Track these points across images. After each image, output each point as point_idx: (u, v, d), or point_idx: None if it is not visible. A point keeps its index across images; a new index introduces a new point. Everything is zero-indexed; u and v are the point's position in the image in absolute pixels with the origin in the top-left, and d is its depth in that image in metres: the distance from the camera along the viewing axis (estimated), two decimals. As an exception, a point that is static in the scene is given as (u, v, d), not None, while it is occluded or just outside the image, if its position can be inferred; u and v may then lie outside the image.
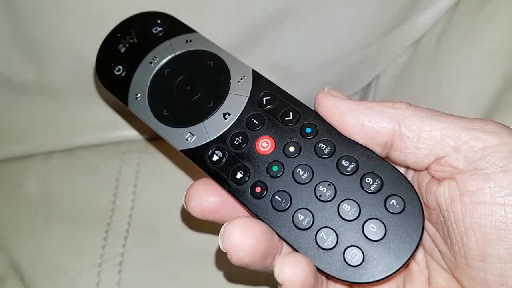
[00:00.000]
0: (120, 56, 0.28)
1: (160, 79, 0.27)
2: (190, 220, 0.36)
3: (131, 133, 0.40)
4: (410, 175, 0.25)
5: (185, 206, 0.25)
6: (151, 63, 0.27)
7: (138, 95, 0.27)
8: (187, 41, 0.28)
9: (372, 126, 0.22)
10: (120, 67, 0.28)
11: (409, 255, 0.22)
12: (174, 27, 0.28)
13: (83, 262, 0.34)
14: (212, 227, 0.35)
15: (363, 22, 0.35)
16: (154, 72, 0.27)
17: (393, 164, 0.23)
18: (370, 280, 0.22)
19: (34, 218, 0.36)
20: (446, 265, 0.23)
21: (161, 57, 0.28)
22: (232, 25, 0.34)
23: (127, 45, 0.28)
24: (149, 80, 0.27)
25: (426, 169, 0.23)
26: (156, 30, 0.28)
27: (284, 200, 0.23)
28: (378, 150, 0.23)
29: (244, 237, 0.22)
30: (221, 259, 0.33)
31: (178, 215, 0.36)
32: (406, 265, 0.22)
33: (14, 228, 0.36)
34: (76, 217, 0.36)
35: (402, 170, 0.25)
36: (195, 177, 0.37)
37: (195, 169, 0.25)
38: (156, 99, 0.27)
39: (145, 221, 0.36)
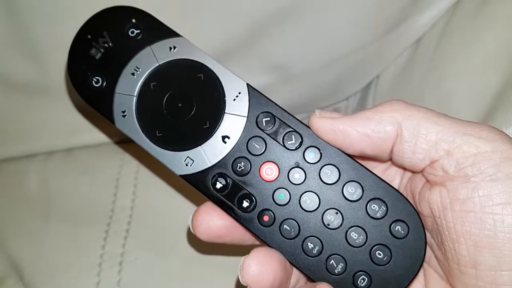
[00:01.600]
0: (96, 64, 0.25)
1: (147, 94, 0.25)
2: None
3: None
4: (407, 177, 0.25)
5: (192, 231, 0.25)
6: (133, 74, 0.25)
7: (125, 113, 0.25)
8: (170, 48, 0.25)
9: (377, 135, 0.22)
10: (98, 78, 0.25)
11: (412, 277, 0.23)
12: (154, 30, 0.25)
13: (83, 262, 0.34)
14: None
15: (363, 22, 0.35)
16: (139, 86, 0.25)
17: (395, 188, 0.24)
18: None
19: (34, 218, 0.36)
20: (442, 272, 0.23)
21: (144, 67, 0.25)
22: (232, 25, 0.34)
23: (102, 51, 0.25)
24: (135, 95, 0.25)
25: (422, 171, 0.23)
26: (133, 32, 0.25)
27: (292, 229, 0.24)
28: (385, 156, 0.23)
29: (262, 270, 0.22)
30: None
31: (178, 215, 0.36)
32: (409, 285, 0.23)
33: (14, 228, 0.36)
34: (76, 217, 0.36)
35: (399, 172, 0.26)
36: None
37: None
38: (146, 118, 0.25)
39: (145, 221, 0.36)
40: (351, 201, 0.23)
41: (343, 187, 0.23)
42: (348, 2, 0.34)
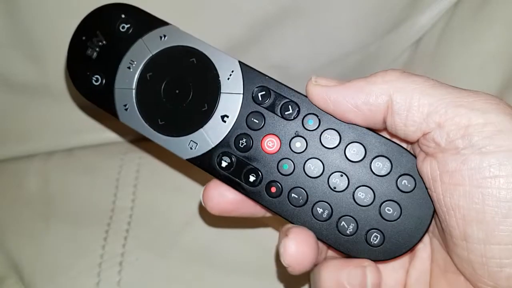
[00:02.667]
0: (93, 63, 0.26)
1: (145, 85, 0.26)
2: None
3: (131, 133, 0.40)
4: (410, 146, 0.25)
5: (203, 205, 0.26)
6: (129, 68, 0.26)
7: (127, 106, 0.26)
8: (161, 37, 0.26)
9: (367, 107, 0.22)
10: (97, 76, 0.26)
11: (424, 230, 0.23)
12: (143, 22, 0.26)
13: (83, 262, 0.34)
14: (212, 227, 0.36)
15: (363, 22, 0.35)
16: (136, 78, 0.26)
17: (397, 143, 0.24)
18: (392, 257, 0.23)
19: (34, 218, 0.36)
20: (442, 242, 0.24)
21: (138, 60, 0.26)
22: (232, 25, 0.34)
23: (97, 50, 0.26)
24: (134, 88, 0.26)
25: (417, 142, 0.23)
26: (123, 28, 0.26)
27: (300, 197, 0.24)
28: (378, 126, 0.23)
29: (303, 250, 0.23)
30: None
31: (178, 215, 0.36)
32: (422, 237, 0.23)
33: (14, 228, 0.36)
34: (76, 217, 0.36)
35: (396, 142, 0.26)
36: (195, 178, 0.37)
37: (195, 169, 0.25)
38: (147, 108, 0.26)
39: (145, 221, 0.36)
40: (354, 162, 0.24)
41: (345, 149, 0.24)
42: (348, 3, 0.34)
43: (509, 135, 0.20)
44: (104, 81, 0.26)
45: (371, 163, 0.24)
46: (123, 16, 0.26)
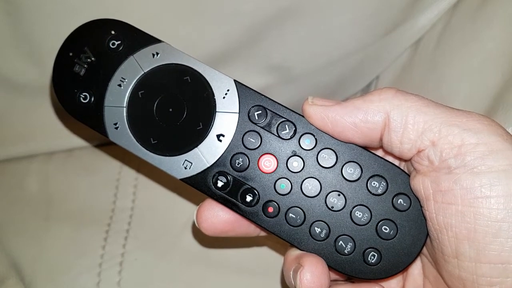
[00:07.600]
0: (81, 80, 0.25)
1: (136, 103, 0.25)
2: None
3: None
4: (403, 164, 0.25)
5: (197, 226, 0.26)
6: (120, 85, 0.25)
7: (117, 124, 0.25)
8: (153, 55, 0.25)
9: (365, 125, 0.22)
10: (86, 94, 0.25)
11: (420, 248, 0.23)
12: (134, 39, 0.25)
13: (83, 262, 0.34)
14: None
15: (363, 22, 0.35)
16: (127, 96, 0.25)
17: (392, 162, 0.24)
18: (388, 275, 0.23)
19: (35, 218, 0.36)
20: (432, 260, 0.24)
21: (129, 77, 0.25)
22: (231, 26, 0.34)
23: (86, 66, 0.25)
24: (125, 106, 0.25)
25: (410, 160, 0.23)
26: (114, 44, 0.25)
27: (298, 217, 0.24)
28: (375, 144, 0.23)
29: (321, 282, 0.23)
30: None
31: (178, 215, 0.36)
32: (418, 255, 0.23)
33: (15, 228, 0.36)
34: (77, 217, 0.36)
35: (390, 159, 0.26)
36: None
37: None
38: (138, 127, 0.25)
39: (145, 221, 0.36)
40: (351, 181, 0.24)
41: (341, 168, 0.24)
42: (348, 3, 0.34)
43: (500, 155, 0.20)
44: (93, 98, 0.25)
45: (367, 182, 0.24)
46: (113, 32, 0.25)
